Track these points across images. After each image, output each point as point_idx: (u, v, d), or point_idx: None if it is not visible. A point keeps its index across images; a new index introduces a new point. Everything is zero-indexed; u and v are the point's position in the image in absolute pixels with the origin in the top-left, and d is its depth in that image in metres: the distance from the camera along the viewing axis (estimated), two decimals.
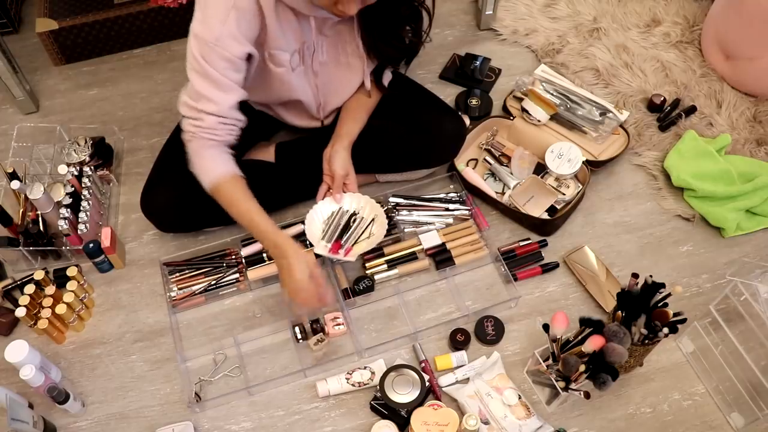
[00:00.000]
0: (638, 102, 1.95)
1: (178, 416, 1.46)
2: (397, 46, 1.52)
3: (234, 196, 1.39)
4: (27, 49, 2.15)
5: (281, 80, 1.46)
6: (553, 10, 2.17)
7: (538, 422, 1.39)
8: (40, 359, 1.42)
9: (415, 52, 1.60)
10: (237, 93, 1.35)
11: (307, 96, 1.55)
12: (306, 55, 1.46)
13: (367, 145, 1.61)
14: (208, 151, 1.39)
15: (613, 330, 1.30)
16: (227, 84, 1.32)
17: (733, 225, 1.67)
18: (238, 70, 1.33)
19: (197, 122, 1.36)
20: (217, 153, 1.40)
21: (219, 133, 1.37)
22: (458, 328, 1.53)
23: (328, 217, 1.60)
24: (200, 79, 1.31)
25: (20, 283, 1.62)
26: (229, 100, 1.34)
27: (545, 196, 1.69)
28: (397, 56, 1.57)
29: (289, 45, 1.40)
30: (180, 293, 1.60)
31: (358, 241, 1.57)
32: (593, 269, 1.62)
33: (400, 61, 1.61)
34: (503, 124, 1.85)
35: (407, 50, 1.57)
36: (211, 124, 1.35)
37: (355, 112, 1.61)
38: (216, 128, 1.36)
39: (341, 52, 1.52)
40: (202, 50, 1.28)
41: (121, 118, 1.97)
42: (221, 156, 1.40)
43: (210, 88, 1.32)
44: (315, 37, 1.44)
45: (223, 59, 1.29)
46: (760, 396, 1.34)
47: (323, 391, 1.45)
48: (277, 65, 1.42)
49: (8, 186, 1.62)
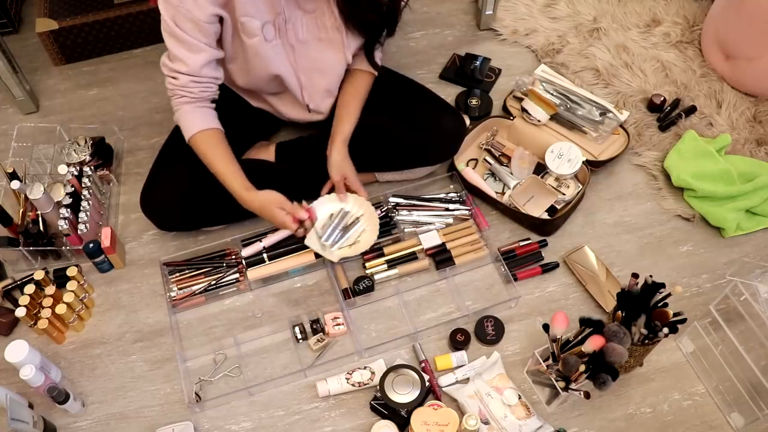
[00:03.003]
0: (638, 102, 1.95)
1: (178, 416, 1.46)
2: (376, 11, 1.48)
3: (204, 149, 1.48)
4: (27, 49, 2.15)
5: (256, 52, 1.46)
6: (553, 10, 2.17)
7: (538, 422, 1.39)
8: (40, 359, 1.42)
9: (395, 18, 1.54)
10: (207, 53, 1.40)
11: (286, 72, 1.53)
12: (282, 28, 1.46)
13: (367, 143, 1.61)
14: (184, 107, 1.47)
15: (613, 330, 1.30)
16: (196, 45, 1.38)
17: (733, 225, 1.67)
18: (206, 32, 1.38)
19: (173, 81, 1.44)
20: (192, 109, 1.47)
21: (193, 91, 1.44)
22: (458, 328, 1.53)
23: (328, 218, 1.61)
24: (172, 40, 1.38)
25: (20, 283, 1.62)
26: (199, 60, 1.40)
27: (545, 196, 1.69)
28: (376, 21, 1.51)
29: (260, 13, 1.40)
30: (180, 293, 1.60)
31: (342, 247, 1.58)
32: (593, 269, 1.62)
33: (380, 29, 1.54)
34: (503, 124, 1.85)
35: (386, 15, 1.51)
36: (184, 82, 1.43)
37: (348, 106, 1.60)
38: (189, 86, 1.43)
39: (321, 27, 1.50)
40: (169, 12, 1.35)
41: (121, 118, 1.97)
42: (197, 111, 1.47)
43: (180, 49, 1.39)
44: (290, 10, 1.43)
45: (189, 20, 1.34)
46: (760, 396, 1.34)
47: (323, 391, 1.45)
48: (249, 35, 1.43)
49: (8, 186, 1.62)
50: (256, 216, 1.71)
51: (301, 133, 1.77)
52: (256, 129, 1.75)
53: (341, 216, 1.61)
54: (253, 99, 1.70)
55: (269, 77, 1.53)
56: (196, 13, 1.33)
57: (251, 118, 1.72)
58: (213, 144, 1.48)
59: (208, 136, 1.48)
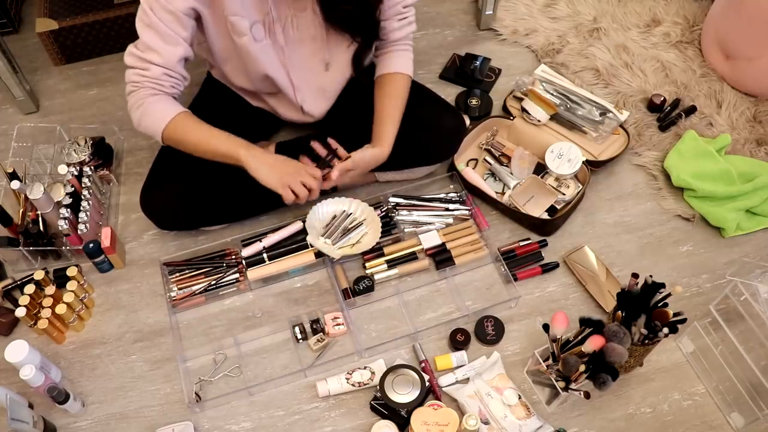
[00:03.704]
0: (638, 102, 1.95)
1: (178, 416, 1.46)
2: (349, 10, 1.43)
3: (184, 131, 1.43)
4: (27, 49, 2.15)
5: (247, 52, 1.46)
6: (553, 10, 2.18)
7: (538, 422, 1.39)
8: (40, 359, 1.42)
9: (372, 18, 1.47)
10: (182, 48, 1.39)
11: (277, 73, 1.53)
12: (271, 28, 1.45)
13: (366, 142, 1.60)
14: (150, 99, 1.42)
15: (613, 330, 1.30)
16: (173, 37, 1.37)
17: (733, 225, 1.67)
18: (184, 26, 1.37)
19: (143, 72, 1.40)
20: (159, 100, 1.42)
21: (164, 84, 1.42)
22: (458, 328, 1.53)
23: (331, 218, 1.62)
24: (148, 30, 1.36)
25: (20, 283, 1.62)
26: (175, 54, 1.38)
27: (545, 196, 1.69)
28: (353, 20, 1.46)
29: (247, 12, 1.40)
30: (180, 293, 1.60)
31: (343, 247, 1.59)
32: (593, 269, 1.62)
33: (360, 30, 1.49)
34: (503, 124, 1.85)
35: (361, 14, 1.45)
36: (156, 74, 1.39)
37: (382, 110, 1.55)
38: (161, 79, 1.40)
39: (310, 27, 1.49)
40: (149, 1, 1.34)
41: (121, 118, 1.96)
42: (164, 101, 1.43)
43: (156, 40, 1.37)
44: (279, 10, 1.43)
45: (167, 11, 1.34)
46: (760, 396, 1.34)
47: (323, 391, 1.45)
48: (238, 35, 1.42)
49: (8, 186, 1.62)
50: (256, 216, 1.73)
51: (301, 133, 1.77)
52: (256, 129, 1.75)
53: (343, 218, 1.62)
54: (252, 99, 1.70)
55: (261, 77, 1.53)
56: (176, 3, 1.33)
57: (251, 118, 1.72)
58: (192, 124, 1.44)
59: (184, 119, 1.44)
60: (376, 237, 1.59)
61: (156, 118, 1.43)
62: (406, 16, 1.55)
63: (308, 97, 1.61)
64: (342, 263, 1.64)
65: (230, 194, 1.61)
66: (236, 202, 1.64)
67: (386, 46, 1.58)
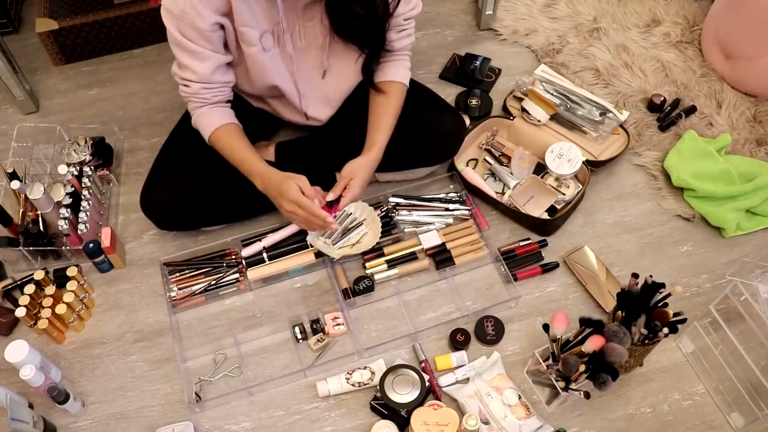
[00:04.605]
0: (638, 102, 1.95)
1: (178, 416, 1.46)
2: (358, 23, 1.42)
3: (226, 140, 1.49)
4: (27, 49, 2.15)
5: (254, 61, 1.46)
6: (553, 10, 2.18)
7: (538, 422, 1.39)
8: (40, 359, 1.42)
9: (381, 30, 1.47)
10: (214, 59, 1.41)
11: (285, 82, 1.53)
12: (281, 38, 1.45)
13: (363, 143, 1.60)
14: (196, 112, 1.49)
15: (613, 330, 1.30)
16: (203, 53, 1.39)
17: (733, 225, 1.67)
18: (210, 40, 1.38)
19: (185, 88, 1.46)
20: (208, 110, 1.49)
21: (206, 97, 1.47)
22: (458, 328, 1.53)
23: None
24: (178, 50, 1.40)
25: (20, 283, 1.62)
26: (207, 68, 1.41)
27: (545, 196, 1.69)
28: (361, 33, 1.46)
29: (258, 23, 1.40)
30: (180, 293, 1.60)
31: (343, 247, 1.59)
32: (593, 269, 1.62)
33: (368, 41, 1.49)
34: (503, 124, 1.85)
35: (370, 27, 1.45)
36: (195, 90, 1.45)
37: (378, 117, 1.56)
38: (201, 93, 1.45)
39: (319, 36, 1.49)
40: (173, 23, 1.35)
41: (121, 118, 1.97)
42: (213, 111, 1.49)
43: (188, 59, 1.40)
44: (288, 20, 1.43)
45: (193, 29, 1.35)
46: (760, 396, 1.34)
47: (323, 391, 1.45)
48: (247, 44, 1.43)
49: (8, 186, 1.62)
50: (256, 216, 1.73)
51: (301, 133, 1.77)
52: (257, 129, 1.75)
53: (344, 218, 1.62)
54: (253, 100, 1.70)
55: (267, 86, 1.54)
56: (199, 22, 1.34)
57: (251, 118, 1.72)
58: (235, 136, 1.50)
59: (231, 130, 1.50)
60: (376, 237, 1.59)
61: (202, 130, 1.51)
62: (405, 28, 1.55)
63: (313, 103, 1.62)
64: (342, 263, 1.64)
65: (230, 194, 1.62)
66: (236, 202, 1.64)
67: (384, 55, 1.58)
